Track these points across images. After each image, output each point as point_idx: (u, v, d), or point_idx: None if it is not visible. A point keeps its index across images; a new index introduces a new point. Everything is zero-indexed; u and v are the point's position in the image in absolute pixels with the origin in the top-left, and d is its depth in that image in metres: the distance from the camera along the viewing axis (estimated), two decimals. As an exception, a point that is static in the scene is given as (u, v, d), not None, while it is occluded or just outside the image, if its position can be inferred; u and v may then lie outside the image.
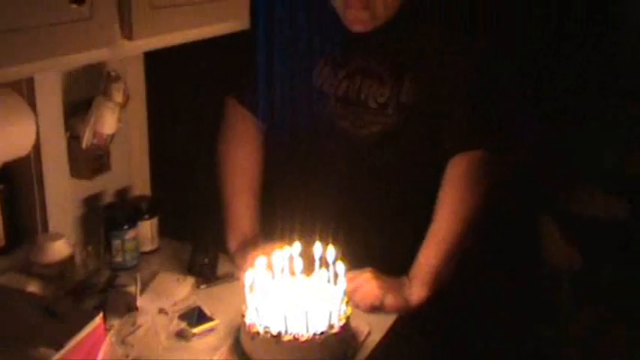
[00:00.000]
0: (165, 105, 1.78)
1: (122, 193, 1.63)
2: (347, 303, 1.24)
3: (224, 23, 1.29)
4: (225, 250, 1.54)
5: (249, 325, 1.19)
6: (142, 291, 1.42)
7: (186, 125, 1.89)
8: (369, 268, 1.37)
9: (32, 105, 1.33)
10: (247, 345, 1.21)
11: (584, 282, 2.10)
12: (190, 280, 1.47)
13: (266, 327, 1.17)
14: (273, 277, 1.26)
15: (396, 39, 1.41)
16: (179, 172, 1.84)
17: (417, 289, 1.35)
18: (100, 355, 1.07)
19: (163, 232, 1.70)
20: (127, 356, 1.15)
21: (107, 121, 1.41)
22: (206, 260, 1.49)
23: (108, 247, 1.50)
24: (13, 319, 1.09)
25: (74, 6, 0.94)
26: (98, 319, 1.09)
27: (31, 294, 1.20)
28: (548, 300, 2.10)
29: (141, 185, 1.70)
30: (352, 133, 1.45)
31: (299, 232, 1.42)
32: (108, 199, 1.60)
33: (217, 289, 1.46)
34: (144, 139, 1.70)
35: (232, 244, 1.54)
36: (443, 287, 1.36)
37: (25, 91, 1.33)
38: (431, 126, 1.43)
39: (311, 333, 1.16)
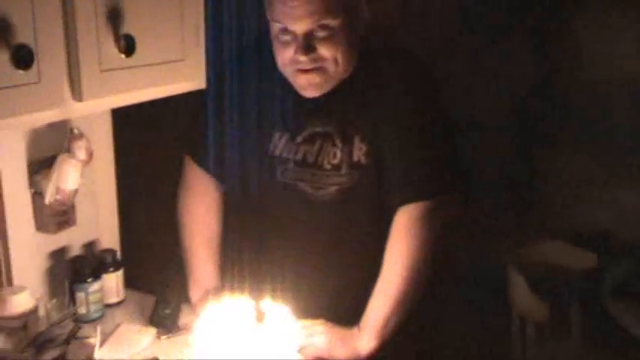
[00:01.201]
0: (133, 160, 1.83)
1: (89, 247, 1.68)
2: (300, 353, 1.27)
3: (178, 84, 1.35)
4: (188, 301, 1.58)
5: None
6: (104, 342, 1.45)
7: (152, 179, 1.94)
8: (320, 320, 1.40)
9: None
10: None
11: (551, 329, 2.12)
12: (152, 331, 1.50)
13: (215, 377, 1.20)
14: (222, 330, 1.29)
15: (344, 100, 1.46)
16: (147, 226, 1.89)
17: (366, 339, 1.38)
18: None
19: (130, 284, 1.75)
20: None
21: (69, 178, 1.46)
22: (167, 311, 1.53)
23: (72, 299, 1.54)
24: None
25: (20, 72, 1.00)
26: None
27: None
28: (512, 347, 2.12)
29: (109, 238, 1.74)
30: (311, 194, 1.49)
31: (256, 286, 1.46)
32: (74, 252, 1.64)
33: (179, 340, 1.48)
34: (111, 194, 1.75)
35: (194, 295, 1.57)
36: (392, 337, 1.39)
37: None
38: (381, 182, 1.47)
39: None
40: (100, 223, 1.72)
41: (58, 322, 1.47)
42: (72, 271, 1.55)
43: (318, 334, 1.37)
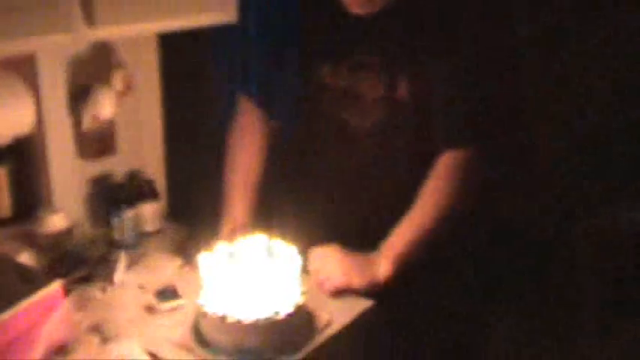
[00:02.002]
0: (182, 91, 1.85)
1: (131, 175, 1.72)
2: (303, 294, 1.26)
3: (206, 14, 1.34)
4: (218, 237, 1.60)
5: (200, 305, 1.24)
6: (130, 267, 1.51)
7: (201, 112, 1.96)
8: (335, 245, 1.40)
9: (36, 88, 1.44)
10: (201, 324, 1.25)
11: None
12: (177, 262, 1.54)
13: (214, 308, 1.21)
14: (230, 260, 1.29)
15: (394, 27, 1.40)
16: (192, 159, 1.91)
17: (384, 265, 1.37)
18: (54, 317, 1.15)
19: (172, 215, 1.79)
20: (81, 323, 1.22)
21: (104, 107, 1.50)
22: (196, 243, 1.55)
23: (108, 224, 1.60)
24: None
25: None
26: (55, 284, 1.17)
27: (11, 260, 1.29)
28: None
29: (153, 169, 1.78)
30: (352, 125, 1.47)
31: (294, 222, 1.46)
32: (116, 179, 1.69)
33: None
34: (156, 125, 1.78)
35: (223, 231, 1.59)
36: (407, 271, 1.36)
37: (30, 75, 1.44)
38: (425, 121, 1.42)
39: (254, 317, 1.19)
40: (143, 153, 1.76)
41: (89, 243, 1.54)
42: (109, 198, 1.60)
43: (333, 261, 1.38)
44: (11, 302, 1.10)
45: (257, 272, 1.27)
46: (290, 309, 1.22)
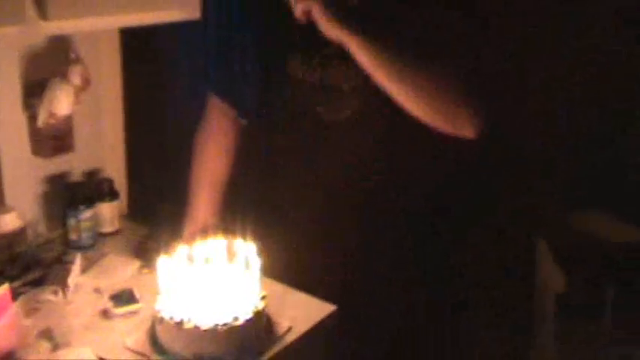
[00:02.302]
0: (144, 87, 1.80)
1: (89, 174, 1.67)
2: (263, 298, 1.23)
3: (167, 11, 1.29)
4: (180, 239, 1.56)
5: (157, 310, 1.20)
6: (87, 269, 1.46)
7: (163, 110, 1.91)
8: None
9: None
10: (157, 330, 1.21)
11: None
12: (136, 264, 1.49)
13: (171, 313, 1.17)
14: (190, 264, 1.26)
15: (363, 16, 1.35)
16: (154, 158, 1.87)
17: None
18: (1, 323, 1.10)
19: (130, 214, 1.75)
20: (32, 328, 1.17)
21: (61, 103, 1.45)
22: (155, 245, 1.51)
23: (64, 225, 1.55)
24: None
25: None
26: (2, 288, 1.13)
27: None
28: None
29: (112, 168, 1.73)
30: (326, 119, 1.43)
31: (262, 226, 1.42)
32: (74, 178, 1.64)
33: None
34: (117, 123, 1.73)
35: (185, 232, 1.55)
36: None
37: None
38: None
39: (212, 323, 1.15)
40: (103, 150, 1.71)
41: (43, 244, 1.49)
42: (65, 197, 1.55)
43: None
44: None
45: (216, 276, 1.24)
46: (249, 314, 1.19)
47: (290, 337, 1.27)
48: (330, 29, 1.27)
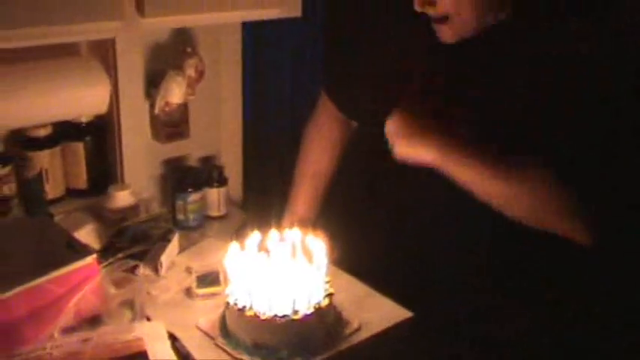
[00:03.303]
0: (264, 81, 1.87)
1: (204, 160, 1.78)
2: (327, 296, 1.24)
3: (265, 9, 1.34)
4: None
5: (225, 295, 1.25)
6: (185, 249, 1.56)
7: (285, 102, 1.97)
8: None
9: (115, 71, 1.53)
10: (225, 314, 1.27)
11: None
12: (231, 248, 1.57)
13: (236, 299, 1.22)
14: (263, 257, 1.30)
15: (483, 58, 1.26)
16: (270, 149, 1.94)
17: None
18: (87, 289, 1.22)
19: (244, 202, 1.84)
20: (116, 297, 1.28)
21: (175, 93, 1.56)
22: (249, 232, 1.57)
23: (173, 205, 1.67)
24: (38, 245, 1.29)
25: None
26: (90, 257, 1.24)
27: (63, 230, 1.38)
28: None
29: (230, 156, 1.83)
30: None
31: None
32: (188, 163, 1.76)
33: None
34: (236, 113, 1.82)
35: (283, 222, 1.60)
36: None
37: (111, 59, 1.52)
38: None
39: (272, 313, 1.18)
40: (220, 139, 1.82)
41: (151, 221, 1.61)
42: (175, 180, 1.67)
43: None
44: (48, 270, 1.18)
45: (284, 269, 1.27)
46: (309, 310, 1.20)
47: (357, 338, 1.27)
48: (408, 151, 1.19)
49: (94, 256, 1.24)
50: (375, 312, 1.33)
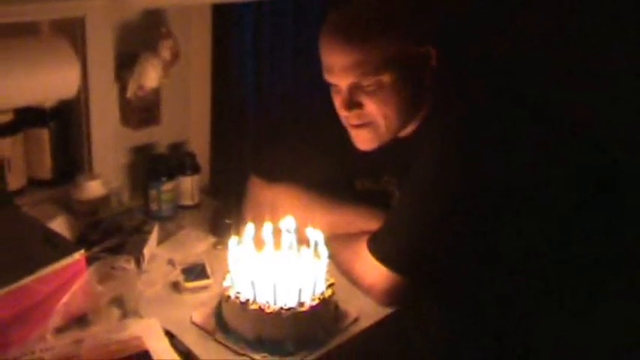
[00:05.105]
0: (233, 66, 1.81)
1: (174, 147, 1.70)
2: (330, 286, 1.21)
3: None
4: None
5: (224, 288, 1.20)
6: (163, 241, 1.49)
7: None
8: None
9: (84, 52, 1.43)
10: (223, 308, 1.22)
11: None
12: (211, 240, 1.51)
13: (237, 292, 1.17)
14: (259, 247, 1.25)
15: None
16: (238, 134, 1.87)
17: None
18: (75, 287, 1.14)
19: (213, 189, 1.77)
20: (104, 294, 1.20)
21: (150, 76, 1.47)
22: (228, 222, 1.52)
23: (146, 195, 1.58)
24: (12, 240, 1.19)
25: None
26: (78, 254, 1.16)
27: (41, 225, 1.28)
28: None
29: (198, 143, 1.76)
30: None
31: None
32: (158, 150, 1.67)
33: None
34: (205, 98, 1.75)
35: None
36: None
37: (78, 39, 1.42)
38: None
39: (277, 306, 1.14)
40: (190, 126, 1.74)
41: (124, 212, 1.53)
42: (147, 169, 1.58)
43: None
44: (34, 268, 1.09)
45: (284, 261, 1.23)
46: (314, 301, 1.17)
47: (357, 328, 1.25)
48: None
49: (82, 252, 1.16)
50: (368, 300, 1.31)
